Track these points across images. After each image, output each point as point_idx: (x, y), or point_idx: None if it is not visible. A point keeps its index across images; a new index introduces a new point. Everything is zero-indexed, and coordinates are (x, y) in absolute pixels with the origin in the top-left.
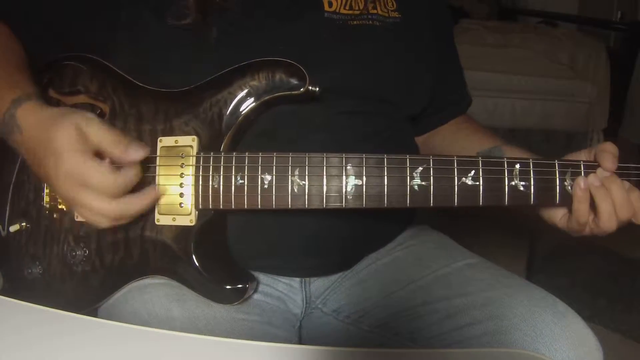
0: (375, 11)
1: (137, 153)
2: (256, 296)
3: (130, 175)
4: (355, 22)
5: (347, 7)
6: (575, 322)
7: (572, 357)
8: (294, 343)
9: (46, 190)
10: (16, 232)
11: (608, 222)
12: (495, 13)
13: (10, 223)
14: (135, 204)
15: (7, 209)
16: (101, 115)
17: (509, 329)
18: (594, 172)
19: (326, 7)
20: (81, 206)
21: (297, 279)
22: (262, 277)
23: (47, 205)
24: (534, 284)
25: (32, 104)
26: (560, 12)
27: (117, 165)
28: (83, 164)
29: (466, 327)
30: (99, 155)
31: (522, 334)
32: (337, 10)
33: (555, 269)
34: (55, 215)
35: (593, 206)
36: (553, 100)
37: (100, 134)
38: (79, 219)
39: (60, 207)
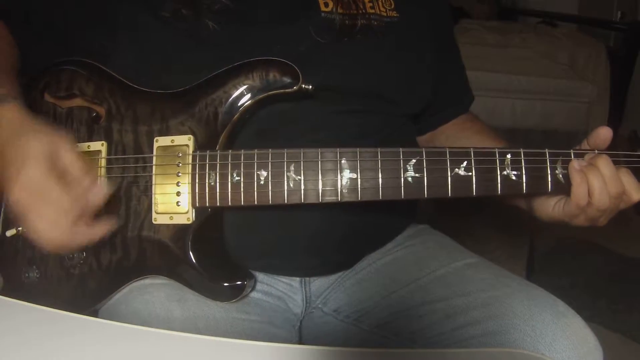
0: (372, 11)
1: (95, 193)
2: (256, 296)
3: (88, 202)
4: (352, 22)
5: (343, 8)
6: (575, 322)
7: (572, 357)
8: (294, 343)
9: None
10: (12, 236)
11: (600, 196)
12: (495, 13)
13: (6, 228)
14: (84, 235)
15: (2, 213)
16: (97, 118)
17: (508, 328)
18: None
19: (322, 8)
20: (32, 219)
21: (297, 279)
22: (262, 276)
23: None
24: (534, 284)
25: (17, 106)
26: (560, 12)
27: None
28: (47, 176)
29: (466, 327)
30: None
31: (522, 334)
32: (334, 10)
33: (556, 268)
34: None
35: None
36: (553, 100)
37: (72, 160)
38: None
39: None
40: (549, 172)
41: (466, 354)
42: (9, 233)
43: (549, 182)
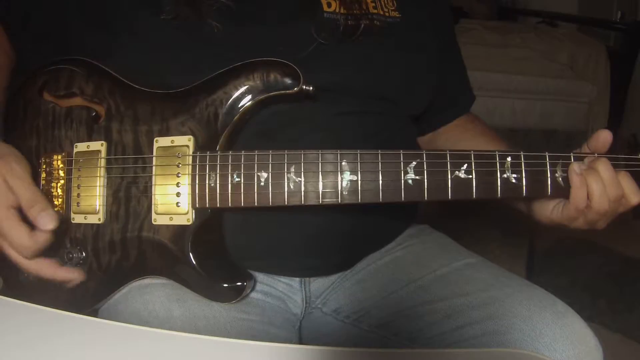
0: (375, 11)
1: (45, 223)
2: (256, 296)
3: (42, 241)
4: (355, 22)
5: (346, 8)
6: (575, 321)
7: (572, 356)
8: (294, 343)
9: None
10: None
11: (599, 199)
12: (495, 13)
13: None
14: (47, 272)
15: None
16: (97, 117)
17: (508, 328)
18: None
19: (325, 8)
20: None
21: (297, 279)
22: (261, 276)
23: None
24: (533, 284)
25: None
26: (560, 12)
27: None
28: (5, 219)
29: (466, 327)
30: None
31: (521, 334)
32: (336, 11)
33: (555, 268)
34: None
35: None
36: (553, 100)
37: (21, 190)
38: (75, 221)
39: (56, 209)
40: (548, 175)
41: (466, 354)
42: None
43: (549, 186)
